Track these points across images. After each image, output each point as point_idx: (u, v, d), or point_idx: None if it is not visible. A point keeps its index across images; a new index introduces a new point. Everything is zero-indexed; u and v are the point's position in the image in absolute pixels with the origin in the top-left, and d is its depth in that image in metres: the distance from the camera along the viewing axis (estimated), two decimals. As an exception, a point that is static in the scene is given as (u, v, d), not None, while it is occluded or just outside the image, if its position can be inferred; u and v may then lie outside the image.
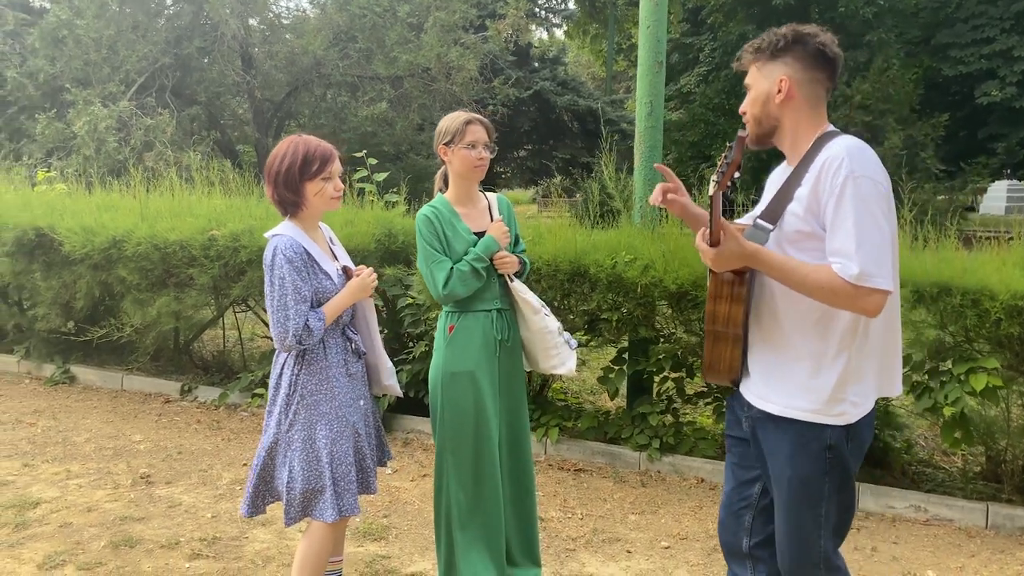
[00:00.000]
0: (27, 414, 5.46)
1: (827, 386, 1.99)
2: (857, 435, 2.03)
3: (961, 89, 17.38)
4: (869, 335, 1.99)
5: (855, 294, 1.86)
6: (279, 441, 2.67)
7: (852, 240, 1.86)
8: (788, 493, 2.08)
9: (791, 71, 2.03)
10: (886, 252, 1.88)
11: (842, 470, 2.03)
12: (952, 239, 4.22)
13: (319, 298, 2.65)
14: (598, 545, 3.67)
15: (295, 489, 2.63)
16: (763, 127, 2.09)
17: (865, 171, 1.89)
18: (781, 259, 1.97)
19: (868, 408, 2.01)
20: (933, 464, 4.60)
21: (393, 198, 5.87)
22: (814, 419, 2.00)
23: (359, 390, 2.78)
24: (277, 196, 2.65)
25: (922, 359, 4.00)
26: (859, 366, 1.98)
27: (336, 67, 12.34)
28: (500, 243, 2.99)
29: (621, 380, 4.69)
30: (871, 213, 1.87)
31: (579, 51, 32.00)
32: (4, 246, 5.87)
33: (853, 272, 1.85)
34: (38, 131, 9.33)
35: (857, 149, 1.92)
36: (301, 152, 2.61)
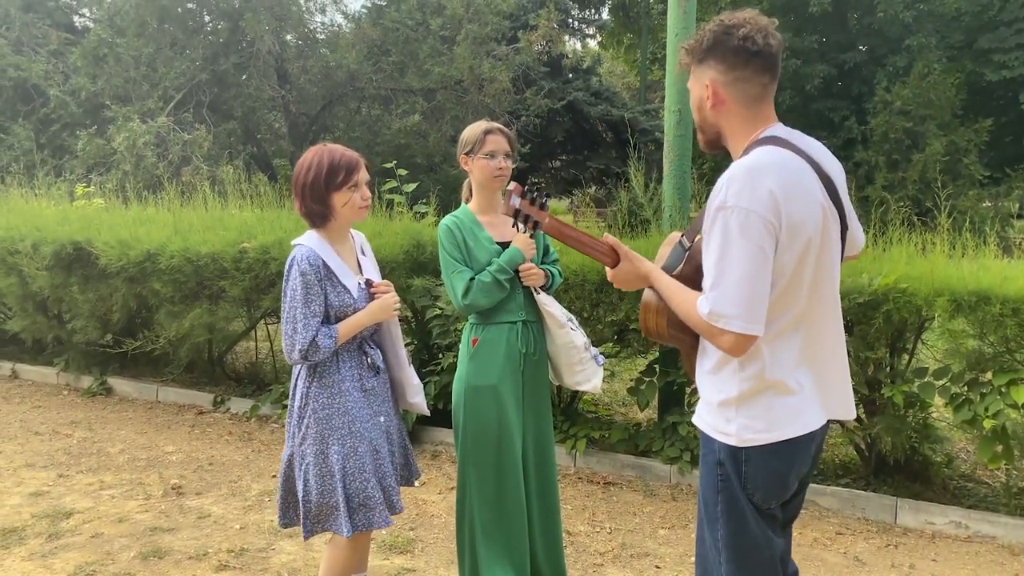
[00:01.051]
0: (64, 425, 5.55)
1: (713, 402, 1.90)
2: (752, 465, 1.84)
3: (1006, 94, 16.98)
4: (771, 360, 1.82)
5: (709, 332, 1.79)
6: (294, 454, 2.66)
7: (710, 278, 1.76)
8: (698, 502, 2.00)
9: (715, 73, 1.85)
10: (745, 292, 1.72)
11: (731, 492, 1.87)
12: (992, 246, 4.10)
13: (337, 313, 2.61)
14: (626, 560, 3.61)
15: (310, 502, 2.62)
16: (706, 134, 1.96)
17: (739, 201, 1.71)
18: (667, 283, 1.92)
19: (772, 438, 1.82)
20: (975, 479, 4.45)
21: (423, 209, 5.88)
22: (707, 431, 1.92)
23: (377, 406, 2.73)
24: (305, 209, 2.62)
25: (961, 370, 3.88)
26: (753, 391, 1.83)
27: (370, 80, 12.46)
28: (525, 255, 2.95)
29: (652, 392, 4.63)
30: (735, 251, 1.71)
31: (613, 61, 31.94)
32: (43, 260, 5.99)
33: (704, 311, 1.77)
34: (79, 147, 9.55)
35: (741, 172, 1.75)
36: (327, 162, 2.57)
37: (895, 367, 4.10)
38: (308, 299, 2.53)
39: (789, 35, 16.82)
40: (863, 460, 4.42)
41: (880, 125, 15.12)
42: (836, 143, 16.30)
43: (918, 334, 4.11)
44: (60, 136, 10.84)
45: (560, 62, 19.72)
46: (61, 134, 10.81)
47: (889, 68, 16.32)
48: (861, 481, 4.33)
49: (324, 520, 2.65)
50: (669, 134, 4.78)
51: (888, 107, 15.13)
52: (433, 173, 12.51)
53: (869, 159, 15.20)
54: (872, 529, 3.94)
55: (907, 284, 3.78)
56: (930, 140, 14.60)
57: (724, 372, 1.87)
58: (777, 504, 1.92)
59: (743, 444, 1.84)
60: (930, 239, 4.26)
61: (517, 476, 3.00)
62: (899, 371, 4.07)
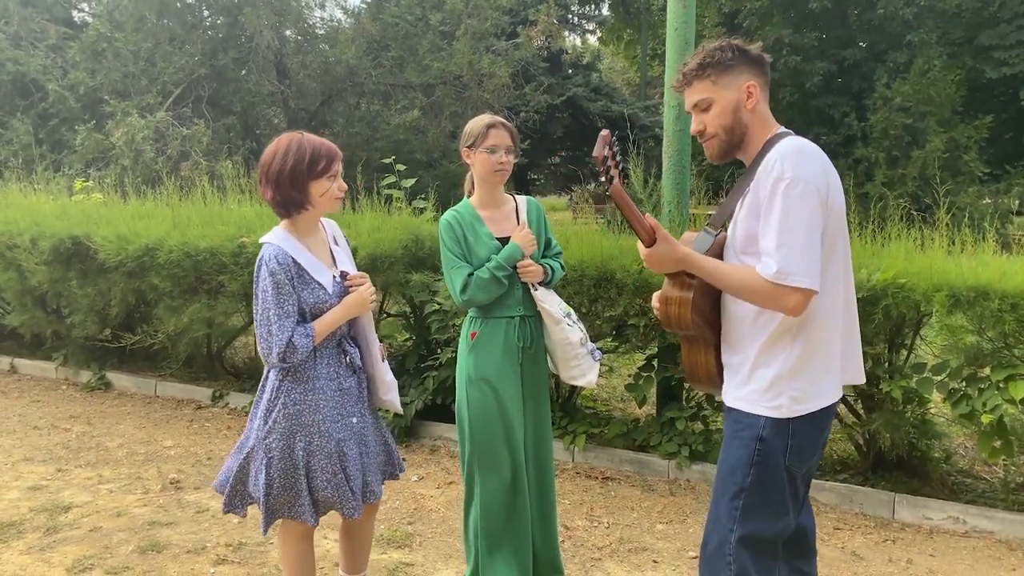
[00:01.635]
0: (63, 419, 5.55)
1: (765, 378, 2.02)
2: (797, 435, 2.02)
3: (1006, 91, 16.95)
4: (811, 334, 2.01)
5: (774, 292, 1.91)
6: (256, 448, 2.57)
7: (774, 240, 1.92)
8: (716, 478, 2.13)
9: (752, 77, 2.09)
10: (810, 252, 1.91)
11: (769, 466, 2.02)
12: (990, 242, 4.10)
13: (312, 311, 2.54)
14: (624, 555, 3.61)
15: (271, 495, 2.55)
16: (735, 136, 2.10)
17: (797, 174, 1.92)
18: (711, 263, 2.03)
19: (813, 407, 2.02)
20: (973, 474, 4.46)
21: (421, 204, 5.87)
22: (750, 409, 2.04)
23: (351, 407, 2.64)
24: (280, 196, 2.51)
25: (959, 365, 3.88)
26: (800, 364, 2.00)
27: (369, 76, 12.43)
28: (524, 251, 2.95)
29: (650, 387, 4.63)
30: (796, 215, 1.91)
31: (613, 57, 31.90)
32: (42, 254, 5.98)
33: (771, 270, 1.91)
34: (78, 142, 9.52)
35: (793, 151, 1.96)
36: (308, 149, 2.49)
37: (893, 363, 4.10)
38: (280, 299, 2.45)
39: (789, 31, 16.79)
40: (861, 456, 4.42)
41: (880, 122, 15.09)
42: (836, 140, 16.29)
43: (916, 329, 4.11)
44: (59, 131, 10.82)
45: (560, 58, 19.71)
46: (60, 129, 10.79)
47: (889, 64, 16.29)
48: (859, 477, 4.33)
49: (282, 508, 2.59)
50: (668, 129, 4.77)
51: (888, 103, 15.10)
52: (432, 169, 12.49)
53: (869, 156, 15.18)
54: (870, 524, 3.95)
55: (906, 279, 3.78)
56: (930, 137, 14.58)
57: (777, 348, 2.01)
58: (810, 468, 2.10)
59: (792, 415, 2.00)
60: (929, 235, 4.26)
61: (521, 470, 3.00)
62: (897, 367, 4.07)
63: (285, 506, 2.58)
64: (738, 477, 2.05)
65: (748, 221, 2.02)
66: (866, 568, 3.50)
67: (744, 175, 2.09)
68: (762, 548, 2.07)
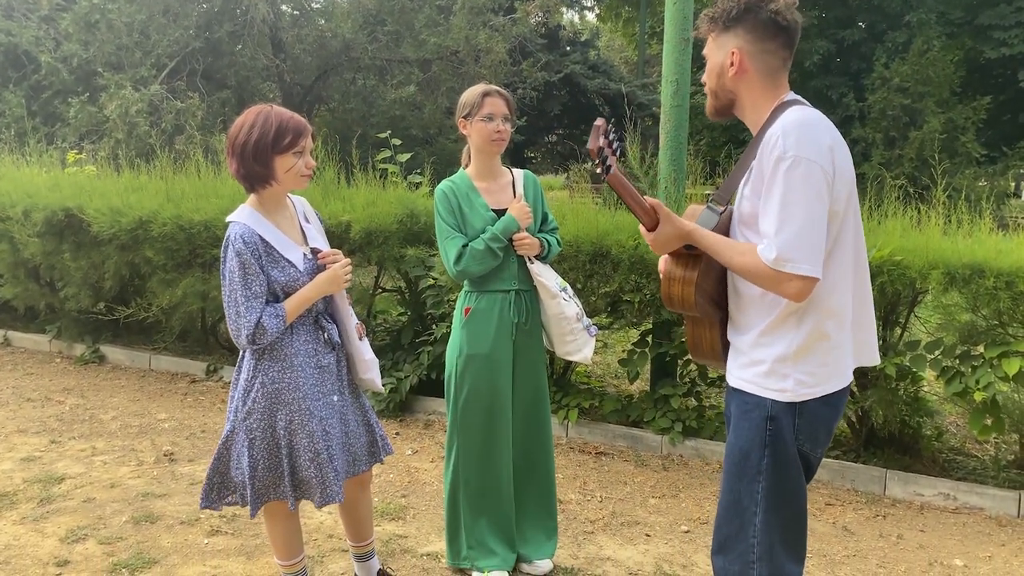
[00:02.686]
0: (56, 392, 5.54)
1: (767, 359, 1.95)
2: (806, 415, 1.94)
3: (1004, 72, 16.88)
4: (820, 316, 1.92)
5: (775, 278, 1.83)
6: (236, 430, 2.53)
7: (774, 224, 1.82)
8: (728, 462, 2.05)
9: (742, 43, 1.94)
10: (810, 238, 1.81)
11: (782, 447, 1.95)
12: (987, 220, 4.09)
13: (284, 289, 2.48)
14: (617, 528, 3.63)
15: (256, 477, 2.52)
16: (720, 100, 2.02)
17: (800, 152, 1.81)
18: (715, 239, 1.95)
19: (823, 390, 1.93)
20: (964, 452, 4.48)
21: (417, 179, 5.85)
22: (757, 391, 1.96)
23: (331, 384, 2.61)
24: (244, 170, 2.44)
25: (953, 343, 3.89)
26: (806, 346, 1.92)
27: (365, 50, 12.29)
28: (520, 224, 2.93)
29: (644, 363, 4.63)
30: (798, 198, 1.81)
31: (611, 35, 31.68)
32: (35, 227, 5.94)
33: (771, 256, 1.82)
34: (71, 115, 9.42)
35: (795, 125, 1.84)
36: (274, 123, 2.41)
37: (888, 340, 4.11)
38: (247, 280, 2.39)
39: (790, 9, 16.67)
40: (854, 433, 4.44)
41: (878, 102, 15.02)
42: (834, 120, 15.95)
43: (911, 307, 4.12)
44: (52, 103, 10.70)
45: (557, 34, 19.55)
46: (53, 101, 10.66)
47: (888, 44, 16.19)
48: (851, 453, 4.35)
49: (268, 490, 2.56)
50: (666, 104, 4.75)
51: (886, 84, 15.02)
52: (429, 145, 12.40)
53: (866, 136, 15.12)
54: (861, 500, 3.97)
55: (902, 257, 3.78)
56: (928, 117, 14.51)
57: (782, 329, 1.93)
58: (822, 451, 2.03)
59: (799, 398, 1.93)
60: (925, 213, 4.25)
61: (507, 444, 3.02)
62: (892, 344, 4.08)
63: (271, 487, 2.56)
64: (754, 460, 1.98)
65: (752, 199, 1.94)
66: (857, 543, 3.53)
67: (750, 147, 1.98)
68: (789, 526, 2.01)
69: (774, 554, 1.98)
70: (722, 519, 2.07)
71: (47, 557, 3.25)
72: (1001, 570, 3.31)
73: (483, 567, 3.06)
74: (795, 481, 1.98)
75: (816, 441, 1.98)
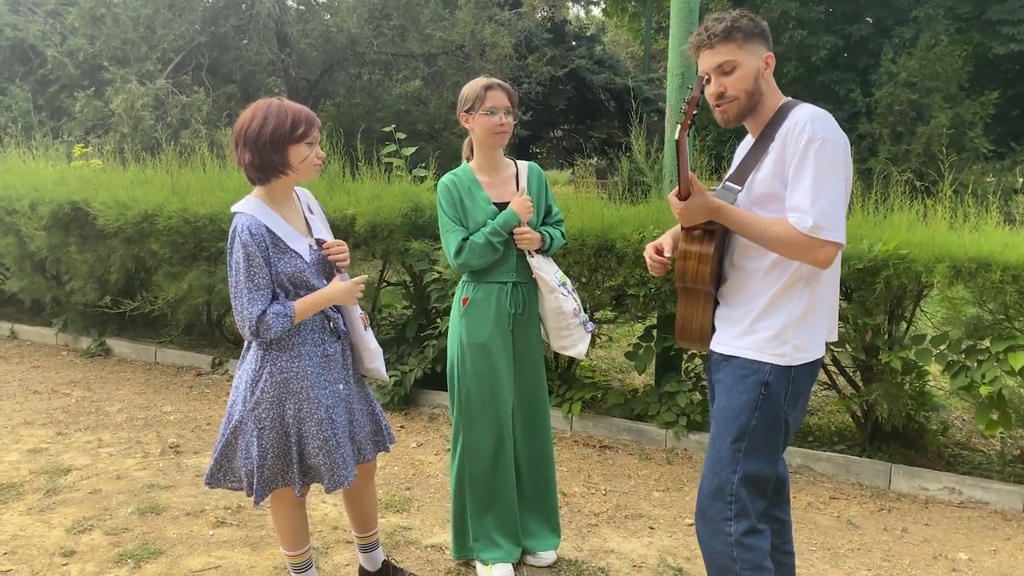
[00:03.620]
0: (62, 384, 5.56)
1: (772, 327, 2.15)
2: (796, 382, 2.17)
3: (1013, 67, 16.77)
4: (816, 288, 2.15)
5: (809, 245, 2.03)
6: (245, 420, 2.54)
7: (808, 196, 2.03)
8: (716, 422, 2.23)
9: (767, 49, 2.21)
10: (839, 209, 2.05)
11: (773, 410, 2.16)
12: (993, 214, 4.08)
13: (291, 280, 2.50)
14: (620, 521, 3.63)
15: (265, 467, 2.53)
16: (753, 101, 2.20)
17: (828, 135, 2.06)
18: (743, 213, 2.14)
19: (810, 357, 2.17)
20: (970, 447, 4.47)
21: (422, 173, 5.84)
22: (756, 356, 2.16)
23: (336, 373, 2.63)
24: (260, 160, 2.45)
25: (959, 337, 3.88)
26: (804, 314, 2.15)
27: (371, 45, 12.30)
28: (521, 218, 2.93)
29: (650, 357, 4.63)
30: (828, 174, 2.04)
31: (617, 30, 31.58)
32: (41, 220, 5.96)
33: (808, 224, 2.02)
34: (77, 109, 9.44)
35: (819, 115, 2.10)
36: (290, 114, 2.45)
37: (893, 334, 4.10)
38: (251, 272, 2.41)
39: (796, 5, 16.58)
40: (859, 427, 4.43)
41: (885, 97, 14.95)
42: (841, 116, 16.12)
43: (917, 301, 4.10)
44: (58, 97, 10.72)
45: (563, 29, 19.51)
46: (59, 95, 10.69)
47: (895, 40, 16.11)
48: (856, 448, 4.34)
49: (276, 478, 2.57)
50: (671, 97, 4.73)
51: (893, 79, 14.95)
52: (434, 140, 12.40)
53: (873, 131, 15.06)
54: (866, 494, 3.96)
55: (907, 250, 3.76)
56: (935, 113, 14.44)
57: (788, 296, 2.15)
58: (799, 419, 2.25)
59: (795, 362, 2.15)
60: (932, 206, 4.24)
61: (508, 434, 3.03)
62: (897, 338, 4.06)
63: (279, 475, 2.57)
64: (742, 420, 2.16)
65: (771, 179, 2.12)
66: (861, 536, 3.52)
67: (762, 138, 2.19)
68: (758, 488, 2.20)
69: (747, 512, 2.18)
70: (705, 478, 2.25)
71: (53, 547, 3.27)
72: (1006, 564, 3.30)
73: (487, 560, 3.07)
74: (774, 446, 2.19)
75: (797, 405, 2.21)
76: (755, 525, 2.18)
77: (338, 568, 3.17)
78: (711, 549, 2.23)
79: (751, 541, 2.17)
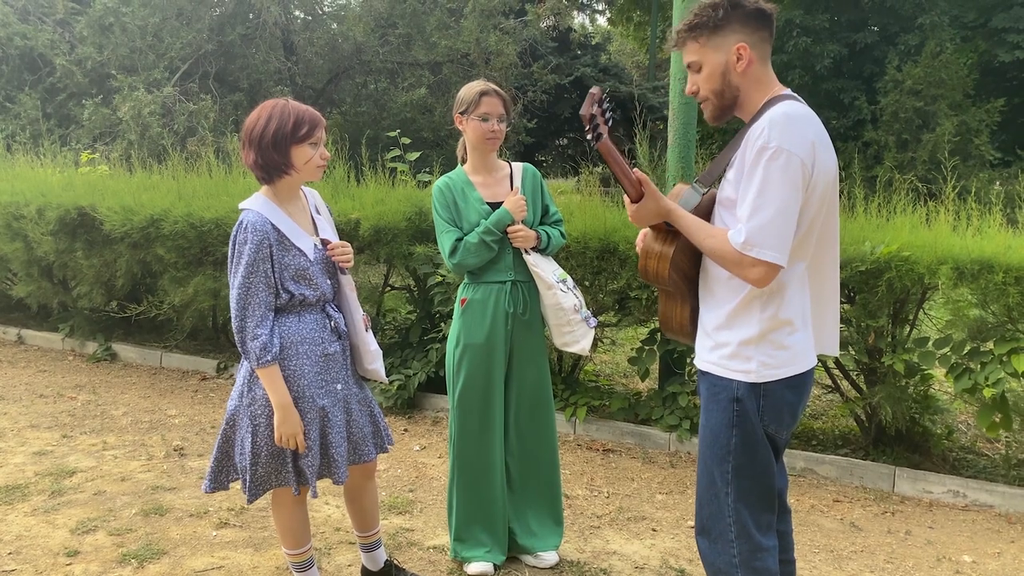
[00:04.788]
0: (68, 388, 5.59)
1: (732, 342, 2.03)
2: (771, 397, 2.02)
3: (1019, 75, 16.76)
4: (781, 304, 2.00)
5: (740, 261, 1.91)
6: (239, 414, 2.56)
7: (748, 208, 1.90)
8: (702, 443, 2.13)
9: (742, 36, 2.00)
10: (781, 226, 1.88)
11: (750, 426, 2.03)
12: (996, 217, 4.08)
13: (295, 276, 2.53)
14: (623, 523, 3.63)
15: (259, 464, 2.55)
16: (725, 99, 2.06)
17: (782, 143, 1.87)
18: (689, 220, 2.03)
19: (785, 372, 2.01)
20: (975, 451, 4.46)
21: (426, 178, 5.87)
22: (723, 373, 2.05)
23: (335, 373, 2.64)
24: (263, 160, 2.49)
25: (962, 339, 3.87)
26: (765, 333, 2.00)
27: (376, 54, 12.35)
28: (515, 216, 2.96)
29: (652, 361, 4.63)
30: (775, 187, 1.87)
31: (623, 39, 31.67)
32: (48, 225, 6.00)
33: (739, 239, 1.90)
34: (85, 117, 9.51)
35: (782, 117, 1.91)
36: (292, 114, 2.48)
37: (896, 336, 4.09)
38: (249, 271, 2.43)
39: (800, 12, 16.63)
40: (863, 431, 4.42)
41: (890, 104, 14.96)
42: (846, 124, 16.14)
43: (920, 303, 4.10)
44: (66, 105, 10.79)
45: (568, 37, 19.57)
46: (67, 103, 10.75)
47: (901, 47, 16.12)
48: (860, 452, 4.33)
49: (269, 479, 2.58)
50: (674, 102, 4.75)
51: (899, 86, 14.96)
52: (439, 147, 12.43)
53: (879, 139, 15.06)
54: (869, 497, 3.95)
55: (910, 252, 3.77)
56: (940, 120, 14.44)
57: (745, 313, 2.01)
58: (787, 432, 2.11)
59: (762, 380, 2.00)
60: (934, 208, 4.24)
61: (499, 435, 3.07)
62: (900, 340, 4.06)
63: (273, 474, 2.58)
64: (723, 440, 2.07)
65: (735, 183, 2.00)
66: (864, 539, 3.51)
67: (737, 136, 2.06)
68: (760, 501, 2.09)
69: (749, 532, 2.07)
70: (701, 500, 2.15)
71: (57, 548, 3.28)
72: (1010, 566, 3.29)
73: (468, 557, 3.09)
74: (763, 459, 2.07)
75: (780, 422, 2.06)
76: (759, 544, 2.08)
77: (340, 569, 3.17)
78: (716, 568, 2.14)
79: (757, 563, 2.07)
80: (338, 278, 2.71)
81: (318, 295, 2.60)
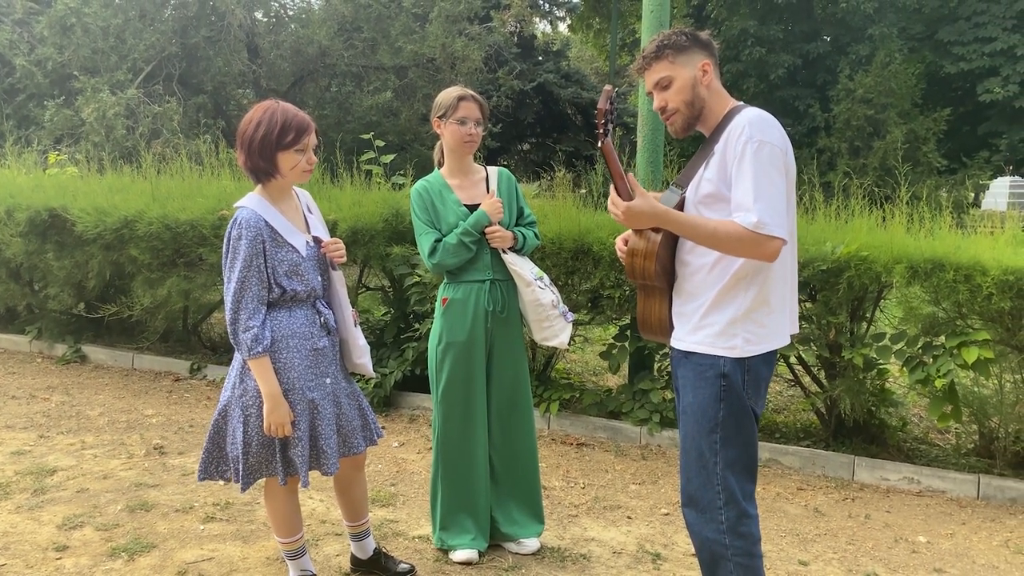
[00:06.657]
0: (40, 390, 5.57)
1: (720, 323, 2.23)
2: (752, 370, 2.25)
3: (963, 85, 17.35)
4: (763, 284, 2.22)
5: (756, 240, 2.10)
6: (231, 405, 2.66)
7: (750, 195, 2.11)
8: (688, 421, 2.31)
9: (705, 57, 2.30)
10: (780, 206, 2.13)
11: (736, 398, 2.24)
12: (946, 218, 4.33)
13: (287, 271, 2.62)
14: (600, 512, 3.78)
15: (250, 454, 2.64)
16: (694, 110, 2.30)
17: (764, 136, 2.14)
18: (690, 217, 2.22)
19: (763, 348, 2.24)
20: (928, 441, 4.70)
21: (400, 180, 5.98)
22: (709, 350, 2.24)
23: (324, 367, 2.73)
24: (250, 164, 2.61)
25: (916, 334, 4.11)
26: (750, 310, 2.22)
27: (341, 57, 12.39)
28: (492, 218, 3.09)
29: (623, 357, 4.79)
30: (768, 172, 2.12)
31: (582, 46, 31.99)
32: (17, 227, 5.97)
33: (752, 221, 2.09)
34: (46, 118, 9.40)
35: (758, 118, 2.19)
36: (279, 120, 2.56)
37: (855, 332, 4.32)
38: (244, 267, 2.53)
39: (755, 23, 17.03)
40: (823, 423, 4.64)
41: (843, 112, 15.41)
42: (801, 131, 16.58)
43: (877, 301, 4.33)
44: (26, 106, 10.64)
45: (532, 44, 19.77)
46: (27, 104, 10.62)
47: (852, 57, 16.61)
48: (821, 443, 4.55)
49: (260, 468, 2.67)
50: (643, 109, 4.93)
51: (851, 95, 15.42)
52: (404, 152, 12.51)
53: (832, 145, 15.50)
54: (831, 485, 4.17)
55: (868, 252, 3.99)
56: (890, 128, 14.94)
57: (731, 295, 2.22)
58: (761, 406, 2.33)
59: (746, 355, 2.22)
60: (889, 211, 4.48)
61: (483, 428, 3.19)
62: (859, 336, 4.28)
63: (264, 464, 2.68)
64: (711, 413, 2.25)
65: (716, 181, 2.20)
66: (827, 523, 3.71)
67: (708, 141, 2.29)
68: (744, 470, 2.28)
69: (736, 498, 2.26)
70: (690, 473, 2.32)
71: (46, 543, 3.32)
72: (962, 545, 3.51)
73: (453, 545, 3.21)
74: (748, 430, 2.28)
75: (759, 395, 2.30)
76: (745, 510, 2.25)
77: (329, 559, 3.27)
78: (703, 538, 2.29)
79: (743, 528, 2.25)
80: (329, 275, 2.82)
81: (308, 291, 2.70)
